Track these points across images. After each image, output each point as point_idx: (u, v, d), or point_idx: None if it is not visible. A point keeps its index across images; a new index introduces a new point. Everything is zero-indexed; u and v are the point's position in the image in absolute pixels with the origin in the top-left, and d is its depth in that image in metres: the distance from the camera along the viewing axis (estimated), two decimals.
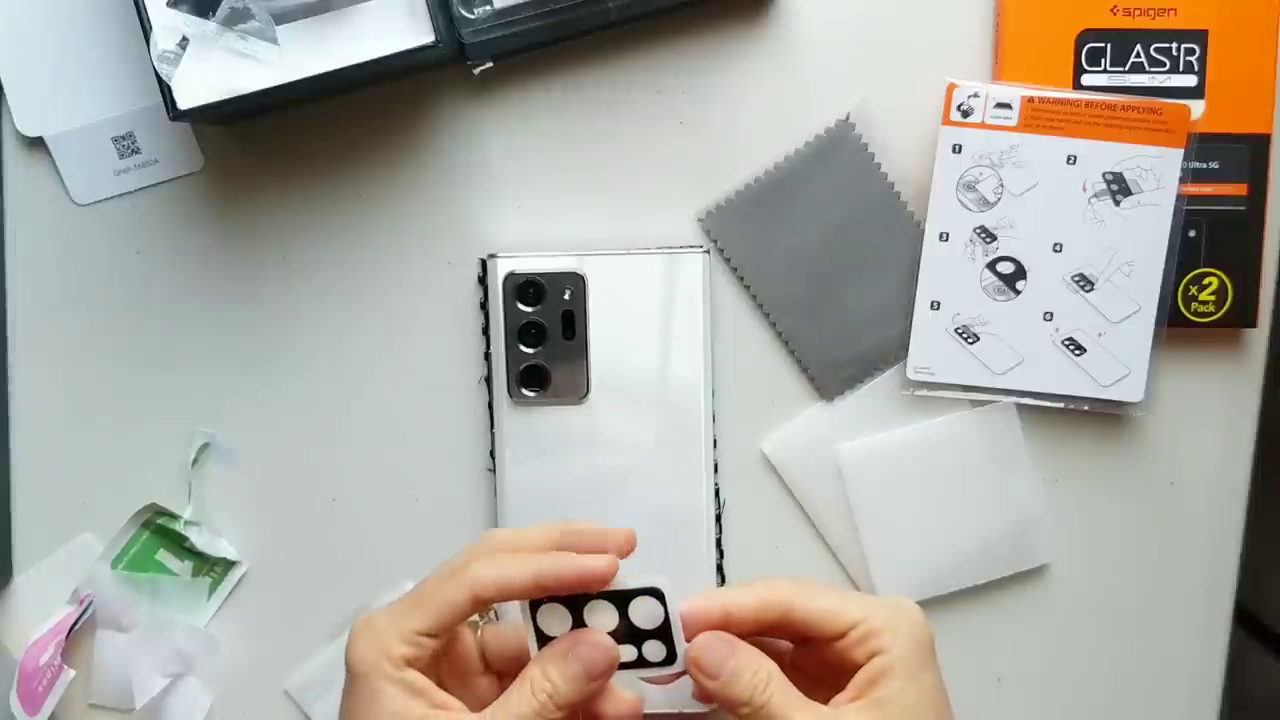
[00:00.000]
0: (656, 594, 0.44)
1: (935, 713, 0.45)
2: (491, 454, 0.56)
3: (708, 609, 0.45)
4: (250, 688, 0.58)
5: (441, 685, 0.45)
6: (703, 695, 0.45)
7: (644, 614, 0.44)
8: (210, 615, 0.57)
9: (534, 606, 0.45)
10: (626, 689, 0.46)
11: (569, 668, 0.44)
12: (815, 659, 0.47)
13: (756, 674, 0.44)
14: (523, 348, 0.54)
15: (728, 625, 0.45)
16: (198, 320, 0.57)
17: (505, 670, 0.48)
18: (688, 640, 0.45)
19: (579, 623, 0.45)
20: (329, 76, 0.49)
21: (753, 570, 0.57)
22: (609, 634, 0.45)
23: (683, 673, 0.45)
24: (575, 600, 0.44)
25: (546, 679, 0.43)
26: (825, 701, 0.45)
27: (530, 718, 0.43)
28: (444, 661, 0.46)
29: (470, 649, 0.48)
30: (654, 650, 0.45)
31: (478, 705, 0.44)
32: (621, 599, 0.44)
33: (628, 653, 0.45)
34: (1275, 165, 0.54)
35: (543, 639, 0.45)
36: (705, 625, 0.45)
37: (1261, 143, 0.54)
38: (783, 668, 0.45)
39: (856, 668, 0.45)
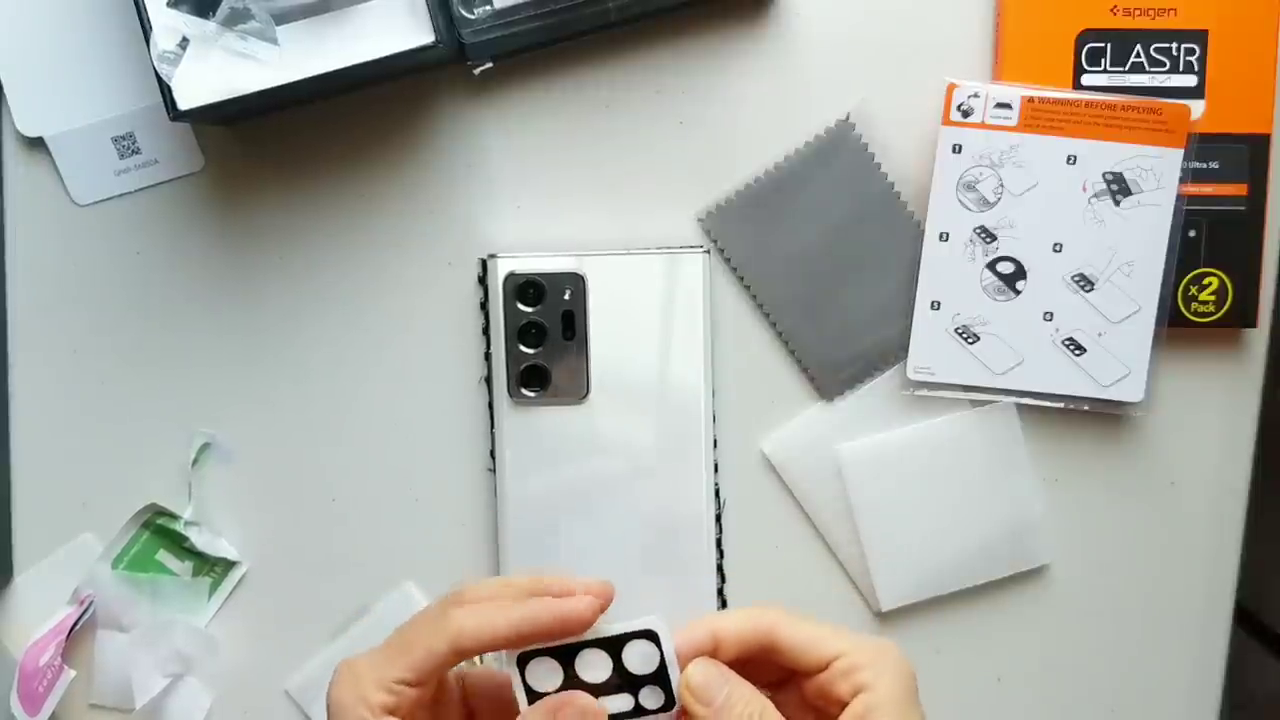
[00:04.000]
0: (650, 635, 0.43)
1: None
2: (491, 454, 0.56)
3: (699, 638, 0.44)
4: (250, 688, 0.58)
5: None
6: None
7: (638, 659, 0.43)
8: (210, 615, 0.57)
9: (522, 661, 0.43)
10: None
11: None
12: (795, 699, 0.46)
13: (750, 704, 0.43)
14: (523, 348, 0.54)
15: (716, 650, 0.44)
16: (198, 320, 0.57)
17: (490, 719, 0.46)
18: (680, 668, 0.43)
19: (570, 674, 0.43)
20: (329, 76, 0.49)
21: (753, 570, 0.57)
22: (604, 682, 0.43)
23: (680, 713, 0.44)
24: (565, 650, 0.43)
25: None
26: None
27: None
28: (429, 709, 0.45)
29: (453, 696, 0.46)
30: (651, 697, 0.43)
31: None
32: (613, 645, 0.43)
33: (623, 702, 0.43)
34: (1275, 165, 0.54)
35: (532, 695, 0.43)
36: (695, 652, 0.44)
37: (1261, 143, 0.54)
38: None
39: (838, 704, 0.43)
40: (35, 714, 0.55)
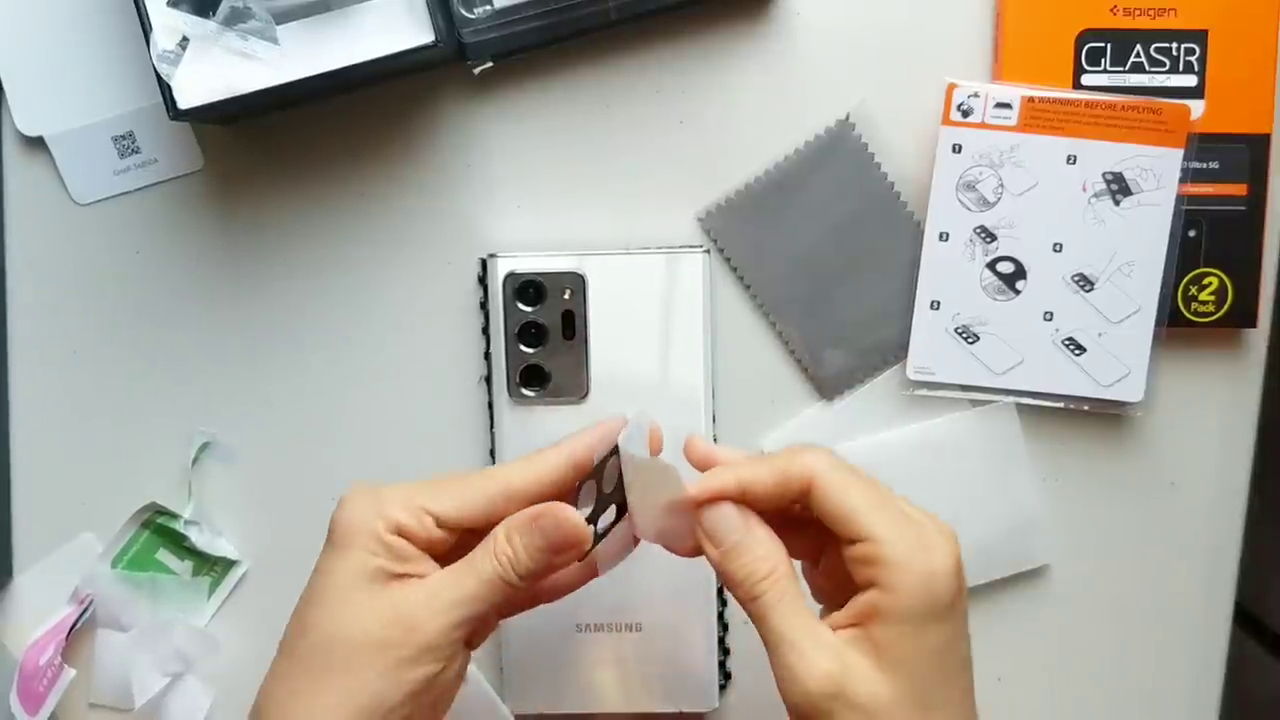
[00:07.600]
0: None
1: (940, 676, 0.38)
2: (492, 454, 0.56)
3: (718, 486, 0.41)
4: (250, 688, 0.57)
5: None
6: (717, 569, 0.42)
7: (608, 477, 0.42)
8: (210, 615, 0.57)
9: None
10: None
11: (530, 538, 0.41)
12: (834, 556, 0.42)
13: (762, 560, 0.40)
14: (523, 348, 0.54)
15: (744, 500, 0.41)
16: (198, 320, 0.57)
17: None
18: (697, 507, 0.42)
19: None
20: (329, 76, 0.49)
21: None
22: (596, 505, 0.43)
23: (637, 541, 0.44)
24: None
25: (508, 543, 0.41)
26: (835, 605, 0.41)
27: (491, 579, 0.41)
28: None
29: None
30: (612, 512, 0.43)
31: None
32: (599, 470, 0.43)
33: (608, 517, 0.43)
34: (1275, 165, 0.54)
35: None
36: (714, 497, 0.41)
37: (1261, 143, 0.54)
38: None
39: (850, 589, 0.40)
40: (35, 713, 0.55)
